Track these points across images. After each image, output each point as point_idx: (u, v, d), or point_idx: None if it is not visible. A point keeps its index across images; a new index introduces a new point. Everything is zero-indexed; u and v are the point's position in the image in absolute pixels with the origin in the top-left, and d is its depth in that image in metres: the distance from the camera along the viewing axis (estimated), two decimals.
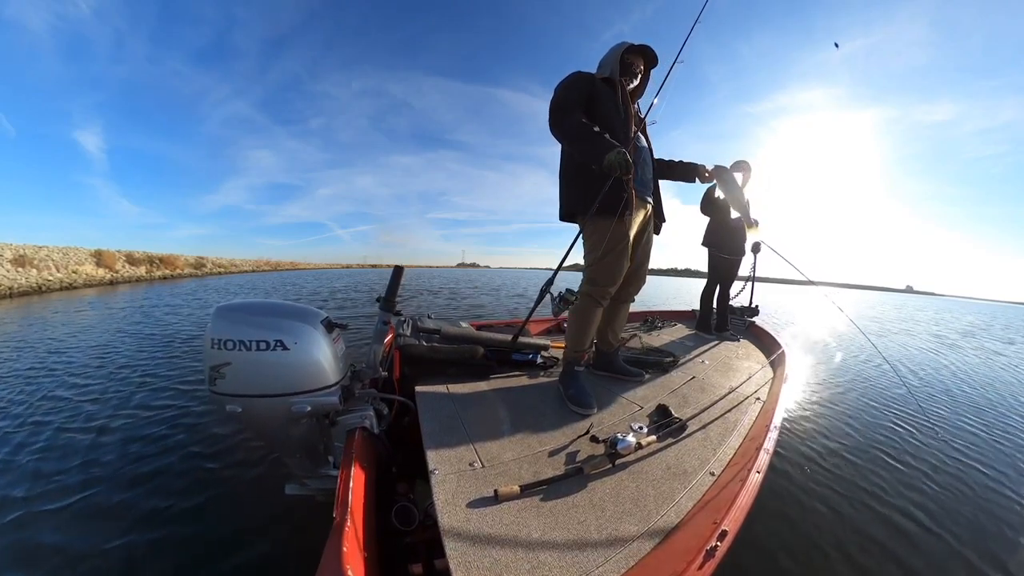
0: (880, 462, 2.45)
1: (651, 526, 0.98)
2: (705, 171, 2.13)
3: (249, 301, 1.27)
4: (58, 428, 2.48)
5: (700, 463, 1.28)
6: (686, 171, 2.12)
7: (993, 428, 3.17)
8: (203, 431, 2.46)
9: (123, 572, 1.45)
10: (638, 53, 1.79)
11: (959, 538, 1.78)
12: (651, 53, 1.80)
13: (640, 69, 1.85)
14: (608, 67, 1.76)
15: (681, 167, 2.12)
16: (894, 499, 2.06)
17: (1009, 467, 2.49)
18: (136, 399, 2.99)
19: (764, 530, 1.73)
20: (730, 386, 1.95)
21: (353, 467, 1.06)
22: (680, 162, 2.12)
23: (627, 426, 1.47)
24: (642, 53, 1.79)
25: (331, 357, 1.25)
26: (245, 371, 1.14)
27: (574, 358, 1.79)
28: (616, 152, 1.45)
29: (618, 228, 1.64)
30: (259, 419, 1.22)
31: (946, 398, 4.00)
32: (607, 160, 1.46)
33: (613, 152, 1.45)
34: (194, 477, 2.00)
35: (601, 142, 1.51)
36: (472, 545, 0.88)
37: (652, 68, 1.88)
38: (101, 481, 1.95)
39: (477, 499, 1.02)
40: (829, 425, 2.97)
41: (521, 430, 1.41)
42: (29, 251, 17.65)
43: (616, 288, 1.77)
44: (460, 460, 1.20)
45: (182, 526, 1.67)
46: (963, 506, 2.04)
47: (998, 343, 9.06)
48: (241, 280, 22.68)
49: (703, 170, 2.13)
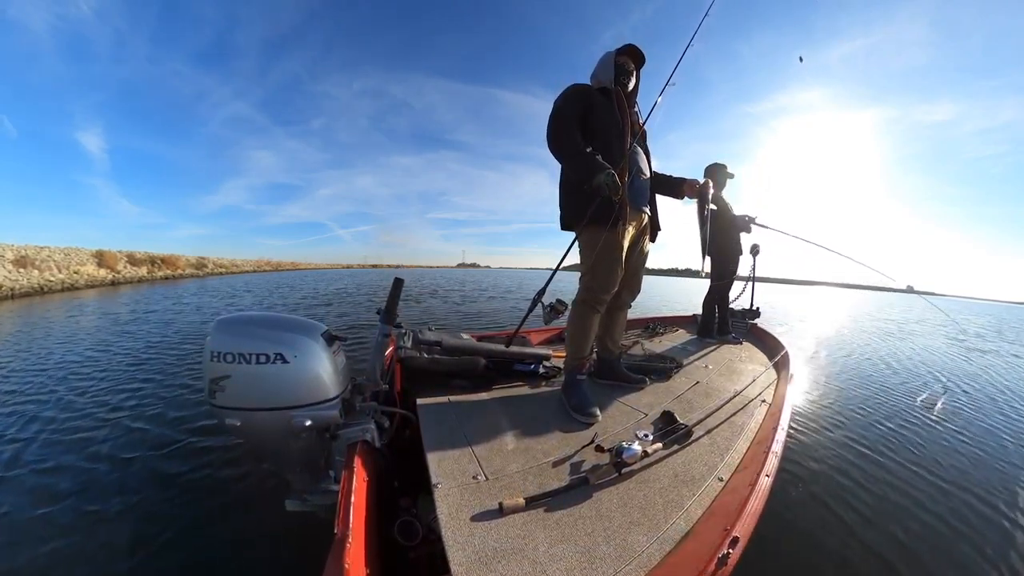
0: (894, 461, 2.43)
1: (661, 535, 0.96)
2: (688, 189, 1.98)
3: (249, 313, 1.27)
4: (45, 442, 2.45)
5: (708, 469, 1.26)
6: (671, 187, 2.02)
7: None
8: (201, 445, 2.43)
9: None
10: (625, 54, 1.82)
11: (980, 539, 1.75)
12: (638, 52, 1.83)
13: (633, 67, 1.86)
14: (602, 75, 1.78)
15: (668, 183, 2.02)
16: (909, 499, 2.03)
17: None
18: (130, 411, 2.95)
19: (776, 535, 1.69)
20: (735, 389, 1.93)
21: (354, 481, 1.04)
22: (668, 177, 2.03)
23: (632, 434, 1.45)
24: (629, 53, 1.83)
25: (331, 370, 1.24)
26: (245, 384, 1.13)
27: (575, 366, 1.78)
28: (606, 174, 1.49)
29: (611, 237, 1.67)
30: (259, 433, 1.20)
31: (965, 397, 3.97)
32: (596, 181, 1.51)
33: (603, 174, 1.50)
34: (192, 492, 1.97)
35: (592, 164, 1.54)
36: (477, 560, 0.86)
37: (641, 67, 1.90)
38: (94, 497, 1.91)
39: (481, 512, 1.00)
40: (838, 424, 2.95)
41: (524, 441, 1.40)
42: (31, 252, 17.58)
43: (610, 295, 1.78)
44: (463, 473, 1.18)
45: (179, 543, 1.64)
46: (982, 506, 2.00)
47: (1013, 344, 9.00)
48: (240, 281, 22.53)
49: (687, 186, 1.99)
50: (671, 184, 2.04)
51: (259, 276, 30.81)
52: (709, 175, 3.47)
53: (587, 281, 1.75)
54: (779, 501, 1.91)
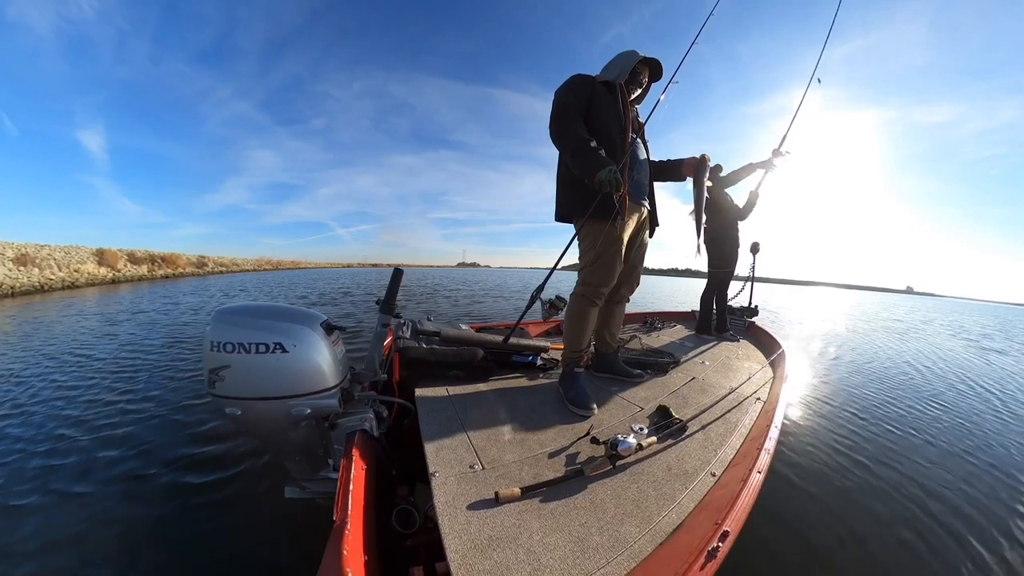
0: (883, 460, 2.45)
1: (652, 527, 0.98)
2: (686, 169, 2.01)
3: (248, 304, 1.27)
4: (35, 435, 2.47)
5: (701, 464, 1.27)
6: (672, 171, 2.04)
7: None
8: (201, 434, 2.45)
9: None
10: (646, 64, 1.81)
11: (970, 536, 1.77)
12: (659, 67, 1.82)
13: (645, 80, 1.86)
14: (616, 72, 1.74)
15: (668, 168, 2.05)
16: (899, 497, 2.06)
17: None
18: (129, 401, 2.97)
19: (766, 530, 1.72)
20: (730, 386, 1.95)
21: (353, 470, 1.05)
22: (667, 162, 2.05)
23: (627, 427, 1.47)
24: (650, 65, 1.81)
25: (330, 360, 1.25)
26: (244, 374, 1.14)
27: (573, 359, 1.79)
28: (608, 171, 1.48)
29: (611, 231, 1.66)
30: (258, 422, 1.22)
31: (958, 396, 4.00)
32: (598, 178, 1.49)
33: (605, 170, 1.48)
34: (191, 480, 1.99)
35: (595, 159, 1.53)
36: (473, 547, 0.88)
37: (655, 81, 1.89)
38: (94, 484, 1.94)
39: (478, 501, 1.02)
40: (831, 424, 2.97)
41: (521, 432, 1.41)
42: (31, 250, 17.62)
43: (609, 289, 1.78)
44: (460, 462, 1.19)
45: (178, 530, 1.66)
46: (971, 502, 2.03)
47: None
48: (237, 280, 22.48)
49: (685, 166, 2.01)
50: (671, 168, 2.04)
51: (258, 275, 30.55)
52: (712, 173, 3.46)
53: (586, 275, 1.75)
54: (770, 497, 1.93)
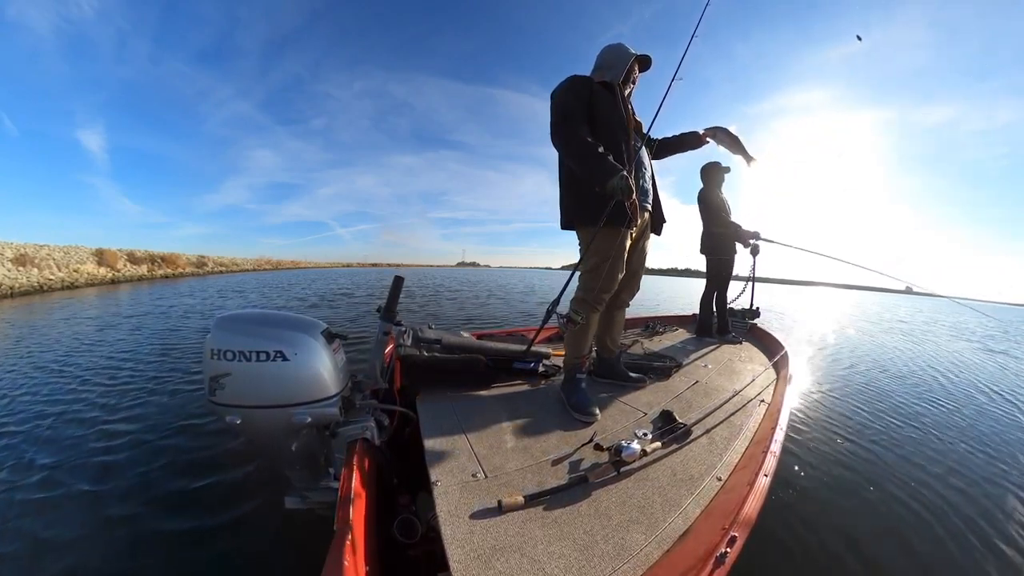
0: (892, 461, 2.43)
1: (658, 534, 0.97)
2: (706, 133, 2.12)
3: (249, 311, 1.27)
4: (36, 439, 2.45)
5: (706, 468, 1.26)
6: (684, 143, 2.13)
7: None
8: (201, 442, 2.43)
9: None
10: (637, 60, 1.80)
11: (987, 546, 1.74)
12: (648, 62, 1.85)
13: (637, 76, 1.87)
14: (613, 71, 1.73)
15: (679, 142, 2.12)
16: (908, 499, 2.03)
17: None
18: (127, 408, 2.96)
19: (774, 535, 1.70)
20: (734, 389, 1.93)
21: (354, 479, 1.04)
22: (677, 137, 2.13)
23: (631, 433, 1.46)
24: (641, 63, 1.82)
25: (331, 368, 1.24)
26: (245, 382, 1.13)
27: (575, 365, 1.78)
28: (619, 177, 1.45)
29: (614, 237, 1.65)
30: (259, 430, 1.21)
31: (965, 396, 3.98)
32: (609, 185, 1.47)
33: (616, 177, 1.45)
34: (191, 489, 1.97)
35: (605, 165, 1.49)
36: (476, 557, 0.86)
37: (644, 72, 1.91)
38: (89, 493, 1.91)
39: (480, 510, 1.00)
40: (837, 425, 2.95)
41: (524, 439, 1.40)
42: (30, 250, 17.51)
43: (610, 295, 1.78)
44: (462, 471, 1.18)
45: (177, 540, 1.64)
46: (990, 511, 2.00)
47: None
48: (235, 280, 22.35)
49: (699, 136, 2.13)
50: (683, 142, 2.11)
51: (257, 275, 30.53)
52: (706, 173, 3.48)
53: (588, 280, 1.74)
54: (777, 501, 1.92)
